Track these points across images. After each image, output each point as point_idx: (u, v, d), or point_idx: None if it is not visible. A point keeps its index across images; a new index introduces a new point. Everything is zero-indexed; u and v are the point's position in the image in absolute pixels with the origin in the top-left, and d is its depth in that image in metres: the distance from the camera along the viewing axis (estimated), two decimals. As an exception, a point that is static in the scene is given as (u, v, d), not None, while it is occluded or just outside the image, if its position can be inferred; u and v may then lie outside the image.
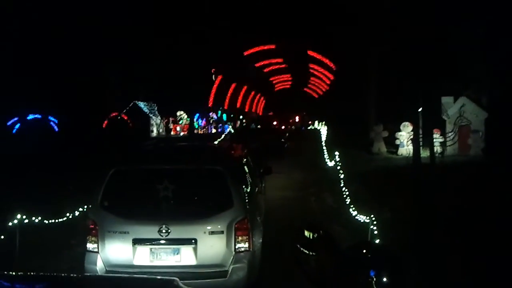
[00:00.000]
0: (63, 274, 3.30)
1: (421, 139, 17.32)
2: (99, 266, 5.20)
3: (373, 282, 3.22)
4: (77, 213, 8.60)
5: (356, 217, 8.46)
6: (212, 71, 40.33)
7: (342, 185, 10.78)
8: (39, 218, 7.42)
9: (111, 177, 5.41)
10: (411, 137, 19.16)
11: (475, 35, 19.96)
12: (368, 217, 7.47)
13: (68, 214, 8.35)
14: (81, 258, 5.39)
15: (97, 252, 5.25)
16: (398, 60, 20.19)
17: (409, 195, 11.04)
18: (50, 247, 7.82)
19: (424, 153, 17.21)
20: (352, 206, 9.06)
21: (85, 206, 8.87)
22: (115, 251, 5.22)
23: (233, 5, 34.26)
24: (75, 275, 3.41)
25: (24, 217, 6.88)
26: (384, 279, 3.36)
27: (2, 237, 6.53)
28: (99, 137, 28.62)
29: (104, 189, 5.38)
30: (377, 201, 10.27)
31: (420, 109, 17.76)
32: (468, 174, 13.98)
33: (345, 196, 9.95)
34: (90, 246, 5.29)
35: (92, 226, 5.30)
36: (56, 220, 8.13)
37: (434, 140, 17.33)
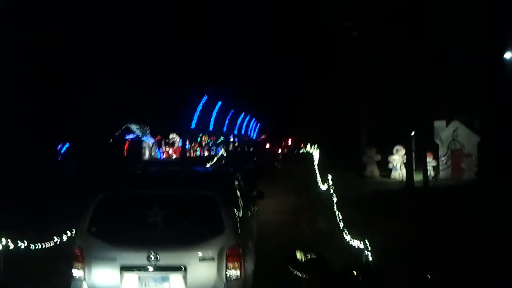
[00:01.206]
0: None
1: (413, 163, 17.32)
2: None
3: None
4: (65, 238, 8.40)
5: (350, 242, 8.35)
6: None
7: (335, 209, 10.67)
8: (25, 243, 7.20)
9: (99, 202, 5.29)
10: (404, 160, 19.17)
11: (466, 59, 20.17)
12: (361, 242, 7.36)
13: (55, 239, 8.14)
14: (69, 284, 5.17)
15: (83, 279, 5.08)
16: (389, 84, 20.26)
17: (403, 220, 10.92)
18: (37, 272, 7.57)
19: (417, 177, 17.19)
20: (345, 230, 8.94)
21: (74, 230, 8.71)
22: (102, 278, 5.06)
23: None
24: None
25: (9, 241, 6.66)
26: None
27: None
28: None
29: (92, 214, 5.24)
30: (371, 225, 10.13)
31: (412, 133, 17.80)
32: (462, 198, 13.89)
33: (338, 220, 9.82)
34: (75, 273, 5.12)
35: (79, 253, 5.13)
36: (44, 245, 7.91)
37: (427, 164, 17.32)
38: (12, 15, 20.29)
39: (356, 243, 8.02)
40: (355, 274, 3.79)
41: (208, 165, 23.41)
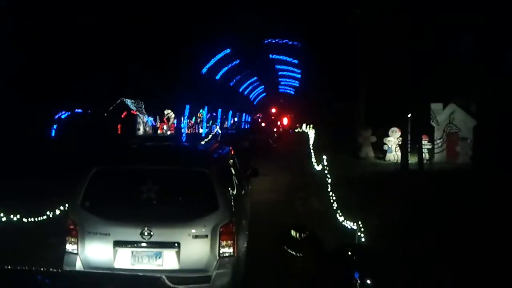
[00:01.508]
0: (50, 269, 3.06)
1: (409, 145, 17.32)
2: (78, 268, 5.00)
3: (357, 283, 3.17)
4: (58, 212, 8.35)
5: (343, 223, 8.36)
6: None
7: (329, 189, 10.66)
8: (18, 216, 7.13)
9: (92, 176, 5.20)
10: (399, 142, 19.15)
11: (464, 42, 20.04)
12: (355, 223, 7.36)
13: (48, 213, 8.09)
14: (61, 258, 5.13)
15: (77, 253, 5.04)
16: (388, 65, 20.13)
17: (397, 201, 10.94)
18: (29, 246, 7.53)
19: (412, 159, 17.20)
20: (339, 211, 8.95)
21: (66, 205, 8.66)
22: (95, 253, 5.04)
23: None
24: (62, 270, 3.29)
25: (1, 215, 6.59)
26: (368, 281, 3.31)
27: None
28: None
29: (85, 188, 5.17)
30: (365, 206, 10.16)
31: (409, 115, 17.73)
32: (456, 181, 13.92)
33: (332, 201, 9.81)
34: (69, 247, 5.09)
35: (72, 227, 5.09)
36: (36, 219, 7.86)
37: (423, 146, 17.32)
38: None
39: (349, 224, 8.05)
40: (349, 253, 3.71)
41: (202, 142, 23.35)
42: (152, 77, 35.55)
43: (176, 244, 4.96)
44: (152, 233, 4.93)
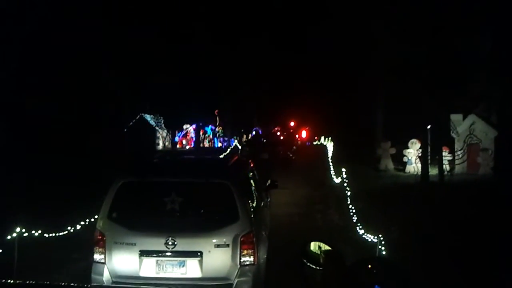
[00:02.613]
0: (71, 284, 3.15)
1: (429, 157, 17.14)
2: (106, 277, 5.21)
3: None
4: (79, 227, 8.47)
5: (363, 236, 8.29)
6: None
7: (348, 202, 10.60)
8: (39, 231, 7.27)
9: (119, 189, 5.43)
10: (419, 154, 18.96)
11: (484, 52, 19.85)
12: (375, 237, 7.30)
13: (69, 228, 8.21)
14: (83, 273, 5.37)
15: (104, 263, 5.25)
16: (407, 76, 20.03)
17: (418, 214, 10.82)
18: (51, 261, 7.67)
19: (432, 171, 17.00)
20: (359, 224, 8.88)
21: (87, 220, 8.79)
22: (121, 262, 5.24)
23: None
24: (83, 285, 3.36)
25: (23, 230, 6.73)
26: None
27: (0, 250, 6.30)
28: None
29: (112, 201, 5.40)
30: (385, 219, 10.06)
31: (429, 126, 17.56)
32: (479, 193, 13.69)
33: (352, 214, 9.75)
34: (97, 257, 5.31)
35: (100, 237, 5.32)
36: (57, 234, 7.99)
37: (443, 158, 17.11)
38: None
39: (369, 237, 7.98)
40: (370, 267, 3.54)
41: (222, 156, 23.49)
42: (171, 92, 35.96)
43: (198, 253, 5.14)
44: (176, 243, 5.12)
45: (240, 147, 33.37)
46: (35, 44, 21.32)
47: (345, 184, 11.98)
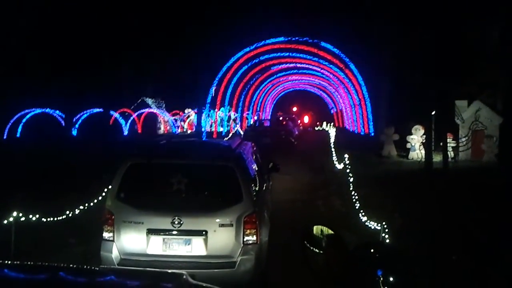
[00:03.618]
0: (74, 265, 3.14)
1: (432, 143, 16.93)
2: (114, 254, 5.42)
3: (380, 281, 3.09)
4: (77, 211, 8.35)
5: (366, 223, 8.17)
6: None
7: (351, 188, 10.46)
8: (37, 216, 7.13)
9: (127, 170, 5.66)
10: (423, 141, 18.75)
11: (490, 38, 19.53)
12: (379, 224, 7.17)
13: (68, 212, 8.09)
14: (81, 258, 5.79)
15: (113, 241, 5.46)
16: (412, 60, 19.75)
17: (421, 202, 10.67)
18: (48, 246, 7.55)
19: (436, 158, 16.82)
20: (362, 211, 8.75)
21: (86, 204, 8.66)
22: (130, 240, 5.45)
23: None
24: (87, 266, 3.39)
25: (20, 214, 6.59)
26: (392, 279, 3.20)
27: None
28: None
29: (120, 181, 5.63)
30: (388, 206, 9.93)
31: (433, 112, 17.32)
32: (483, 179, 13.51)
33: (354, 200, 9.62)
34: (106, 235, 5.51)
35: (109, 216, 5.51)
36: (55, 218, 7.86)
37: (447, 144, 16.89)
38: None
39: (372, 224, 7.86)
40: (372, 251, 3.57)
41: (226, 139, 23.41)
42: (172, 76, 35.71)
43: (203, 232, 5.38)
44: (182, 222, 5.34)
45: (241, 132, 33.19)
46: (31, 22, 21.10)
47: (348, 170, 11.81)
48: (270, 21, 33.00)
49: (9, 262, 2.92)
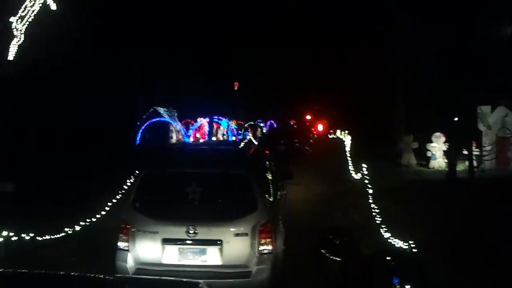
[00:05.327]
0: (91, 275, 2.95)
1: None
2: (129, 263, 5.40)
3: None
4: (78, 228, 7.78)
5: (389, 240, 7.49)
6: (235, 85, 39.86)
7: (370, 200, 9.76)
8: (31, 234, 6.55)
9: (142, 179, 5.72)
10: (444, 148, 17.90)
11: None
12: (404, 242, 6.57)
13: (67, 230, 7.53)
14: None
15: (128, 250, 5.43)
16: (430, 65, 18.97)
17: (445, 214, 9.93)
18: (47, 266, 6.91)
19: (459, 167, 15.97)
20: (383, 226, 8.07)
21: (88, 220, 8.08)
22: (145, 250, 5.43)
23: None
24: (103, 276, 3.13)
25: (11, 234, 5.98)
26: (408, 287, 3.35)
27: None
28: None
29: (135, 190, 5.68)
30: (411, 220, 9.24)
31: (456, 118, 16.48)
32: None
33: (374, 214, 8.92)
34: (121, 244, 5.48)
35: (124, 226, 5.51)
36: (52, 237, 7.29)
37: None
38: None
39: (396, 242, 7.20)
40: (388, 259, 3.74)
41: (239, 147, 22.97)
42: (184, 85, 35.44)
43: (218, 242, 5.34)
44: (197, 231, 5.32)
45: (254, 140, 32.69)
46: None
47: (366, 181, 11.09)
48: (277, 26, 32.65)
49: (26, 270, 2.89)
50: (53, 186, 12.59)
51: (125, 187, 8.97)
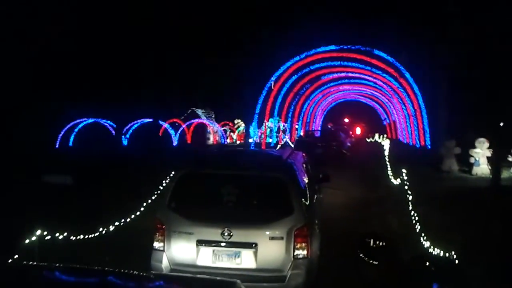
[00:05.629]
0: (128, 271, 3.02)
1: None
2: (164, 264, 5.41)
3: None
4: (112, 228, 7.90)
5: (429, 248, 7.29)
6: (272, 85, 39.71)
7: (409, 207, 9.49)
8: (65, 234, 6.66)
9: (179, 180, 5.68)
10: (488, 155, 17.26)
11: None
12: (446, 252, 6.35)
13: (101, 229, 7.65)
14: None
15: (163, 250, 5.45)
16: (474, 68, 18.34)
17: (489, 224, 9.52)
18: (81, 265, 7.05)
19: (503, 174, 15.36)
20: (423, 234, 7.83)
21: (122, 220, 8.20)
22: (179, 251, 5.43)
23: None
24: (140, 272, 3.22)
25: (45, 233, 6.10)
26: None
27: (16, 256, 5.56)
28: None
29: (172, 191, 5.66)
30: (452, 228, 8.92)
31: (501, 123, 15.86)
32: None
33: (414, 221, 8.66)
34: (156, 244, 5.50)
35: (159, 226, 5.50)
36: (87, 236, 7.41)
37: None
38: None
39: (436, 249, 7.00)
40: (427, 264, 3.60)
41: (276, 149, 22.93)
42: (223, 87, 35.66)
43: (253, 245, 5.30)
44: (232, 234, 5.28)
45: (290, 142, 32.51)
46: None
47: (406, 187, 10.80)
48: (321, 29, 32.33)
49: (61, 264, 2.94)
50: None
51: (161, 188, 9.17)
